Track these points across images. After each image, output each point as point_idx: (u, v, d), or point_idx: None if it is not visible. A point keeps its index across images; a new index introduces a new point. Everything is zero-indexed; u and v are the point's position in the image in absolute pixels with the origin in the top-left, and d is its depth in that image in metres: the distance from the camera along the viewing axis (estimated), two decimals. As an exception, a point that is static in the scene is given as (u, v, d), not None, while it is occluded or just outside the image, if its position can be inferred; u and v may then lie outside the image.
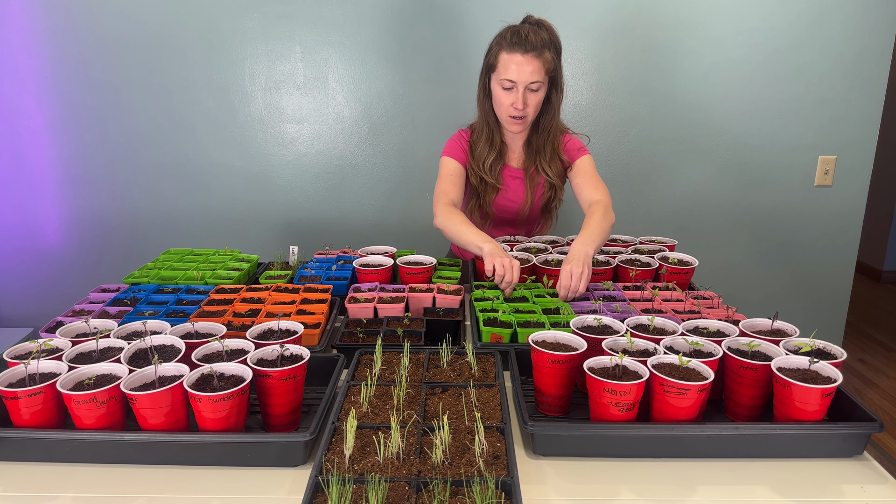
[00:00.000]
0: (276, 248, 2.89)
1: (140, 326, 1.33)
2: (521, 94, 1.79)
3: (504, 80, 1.79)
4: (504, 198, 2.02)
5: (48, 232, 2.93)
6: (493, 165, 1.96)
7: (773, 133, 2.79)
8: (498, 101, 1.85)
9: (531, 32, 1.75)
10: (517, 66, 1.75)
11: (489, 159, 1.95)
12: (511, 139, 2.01)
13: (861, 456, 1.09)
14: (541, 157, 1.97)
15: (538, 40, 1.74)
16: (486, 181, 1.97)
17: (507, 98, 1.81)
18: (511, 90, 1.80)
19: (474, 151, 1.98)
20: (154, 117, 2.78)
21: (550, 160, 1.97)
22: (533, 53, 1.74)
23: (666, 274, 1.76)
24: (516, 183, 2.02)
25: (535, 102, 1.83)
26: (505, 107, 1.84)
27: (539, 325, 1.44)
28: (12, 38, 2.67)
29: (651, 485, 1.02)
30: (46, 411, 1.09)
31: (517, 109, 1.81)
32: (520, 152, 2.03)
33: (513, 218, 2.08)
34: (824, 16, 2.63)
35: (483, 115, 1.94)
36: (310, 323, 1.46)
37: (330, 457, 0.98)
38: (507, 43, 1.76)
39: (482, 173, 1.96)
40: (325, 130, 2.82)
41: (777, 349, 1.19)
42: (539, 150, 1.97)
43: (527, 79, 1.76)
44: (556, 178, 2.00)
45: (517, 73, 1.76)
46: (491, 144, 1.95)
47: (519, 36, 1.75)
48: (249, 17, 2.67)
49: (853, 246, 2.94)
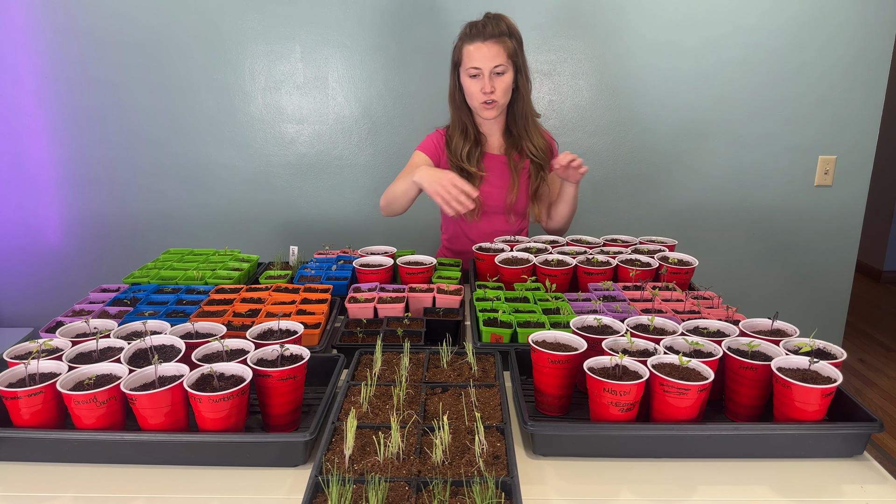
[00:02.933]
0: (276, 248, 2.89)
1: (140, 326, 1.33)
2: (488, 79, 1.90)
3: (470, 69, 1.91)
4: (490, 184, 2.07)
5: (48, 232, 2.93)
6: (470, 154, 2.03)
7: (773, 133, 2.79)
8: (469, 91, 1.96)
9: (489, 23, 1.89)
10: (479, 52, 1.88)
11: (465, 149, 2.03)
12: (488, 129, 2.09)
13: (861, 456, 1.09)
14: (523, 140, 2.05)
15: (496, 29, 1.88)
16: (468, 170, 2.02)
17: (476, 85, 1.92)
18: (478, 77, 1.91)
19: (451, 146, 2.05)
20: (154, 117, 2.78)
21: (535, 140, 2.05)
22: (493, 39, 1.87)
23: (666, 274, 1.76)
24: (500, 169, 2.08)
25: (503, 87, 1.93)
26: (476, 94, 1.93)
27: (539, 325, 1.44)
28: (12, 39, 2.67)
29: (651, 485, 1.02)
30: (46, 411, 1.09)
31: (486, 94, 1.92)
32: (500, 141, 2.10)
33: (501, 205, 2.10)
34: (824, 16, 2.63)
35: (455, 111, 2.05)
36: (310, 323, 1.46)
37: (330, 457, 0.98)
38: (468, 36, 1.90)
39: (460, 163, 2.02)
40: (325, 130, 2.82)
41: (777, 349, 1.19)
42: (520, 135, 2.05)
43: (490, 63, 1.88)
44: (541, 154, 2.06)
45: (480, 58, 1.88)
46: (466, 136, 2.04)
47: (478, 27, 1.89)
48: (249, 17, 2.67)
49: (853, 246, 2.94)
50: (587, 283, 1.75)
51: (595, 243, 2.04)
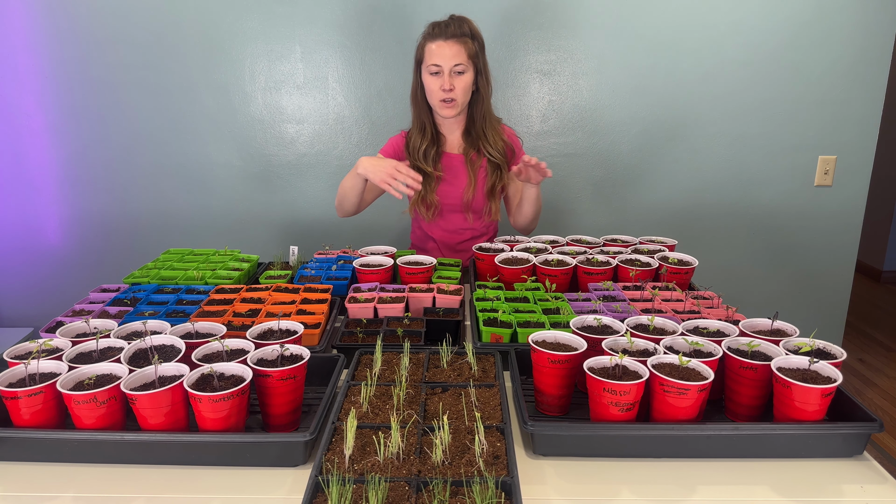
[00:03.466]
0: (276, 248, 2.89)
1: (140, 326, 1.33)
2: (448, 77, 1.93)
3: (431, 66, 1.94)
4: (447, 182, 2.10)
5: (48, 232, 2.93)
6: (426, 152, 2.06)
7: (773, 133, 2.79)
8: (429, 88, 1.99)
9: (452, 24, 1.94)
10: (441, 51, 1.92)
11: (422, 147, 2.06)
12: (448, 128, 2.13)
13: (861, 456, 1.09)
14: (482, 141, 2.08)
15: (458, 30, 1.93)
16: (424, 170, 2.06)
17: (436, 83, 1.96)
18: (438, 74, 1.95)
19: (409, 145, 2.10)
20: (154, 117, 2.78)
21: (493, 142, 2.08)
22: (454, 39, 1.92)
23: (666, 274, 1.76)
24: (457, 168, 2.11)
25: (462, 86, 1.96)
26: (435, 91, 1.97)
27: (539, 325, 1.44)
28: (12, 39, 2.67)
29: (651, 485, 1.02)
30: (46, 411, 1.09)
31: (445, 92, 1.95)
32: (459, 141, 2.14)
33: (457, 204, 2.13)
34: (824, 16, 2.63)
35: (416, 109, 2.09)
36: (310, 323, 1.46)
37: (330, 457, 0.98)
38: (430, 34, 1.95)
39: (418, 162, 2.05)
40: (325, 130, 2.82)
41: (777, 349, 1.19)
42: (479, 136, 2.08)
43: (450, 61, 1.92)
44: (500, 157, 2.08)
45: (441, 56, 1.92)
46: (424, 133, 2.08)
47: (440, 26, 1.94)
48: (249, 17, 2.67)
49: (853, 246, 2.94)
50: (587, 283, 1.75)
51: (595, 243, 2.04)
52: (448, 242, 2.20)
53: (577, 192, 2.88)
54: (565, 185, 2.88)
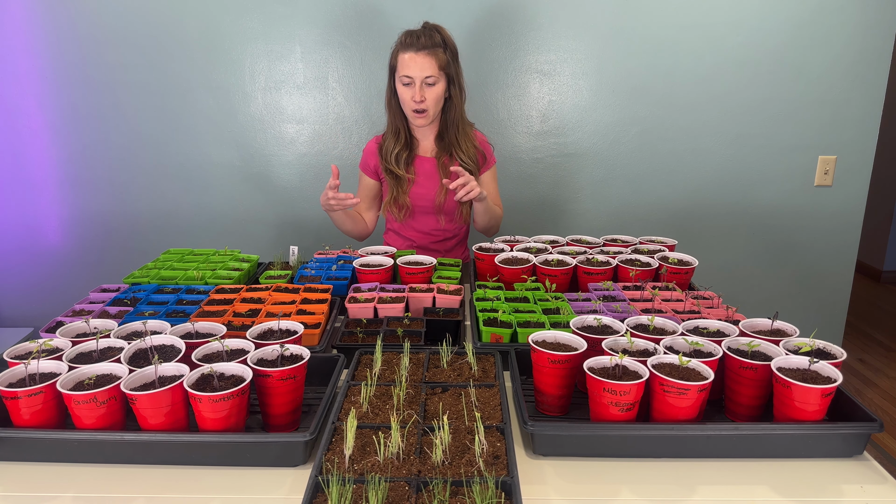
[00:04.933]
0: (276, 248, 2.89)
1: (140, 326, 1.33)
2: (419, 88, 1.96)
3: (403, 77, 1.97)
4: (419, 185, 2.13)
5: (48, 232, 2.93)
6: (399, 156, 2.10)
7: (773, 133, 2.79)
8: (401, 97, 2.02)
9: (424, 34, 1.95)
10: (412, 62, 1.94)
11: (395, 151, 2.10)
12: (421, 134, 2.16)
13: (861, 456, 1.09)
14: (455, 147, 2.12)
15: (430, 41, 1.94)
16: (396, 173, 2.09)
17: (408, 93, 1.99)
18: (410, 85, 1.97)
19: (382, 148, 2.13)
20: (154, 117, 2.78)
21: (465, 148, 2.12)
22: (425, 51, 1.93)
23: (666, 274, 1.76)
24: (429, 171, 2.14)
25: (434, 97, 1.99)
26: (407, 101, 2.00)
27: (539, 325, 1.44)
28: (12, 39, 2.67)
29: (651, 485, 1.02)
30: (46, 411, 1.09)
31: (416, 102, 1.98)
32: (432, 145, 2.17)
33: (430, 206, 2.15)
34: (824, 16, 2.63)
35: (391, 115, 2.11)
36: (310, 323, 1.46)
37: (330, 457, 0.98)
38: (403, 44, 1.96)
39: (390, 166, 2.10)
40: (325, 130, 2.82)
41: (777, 349, 1.19)
42: (452, 143, 2.12)
43: (421, 73, 1.94)
44: (471, 163, 2.13)
45: (412, 68, 1.94)
46: (397, 138, 2.11)
47: (413, 37, 1.95)
48: (249, 17, 2.67)
49: (853, 246, 2.94)
50: (587, 283, 1.75)
51: (595, 243, 2.04)
52: (420, 243, 2.22)
53: (577, 192, 2.88)
54: (565, 185, 2.88)
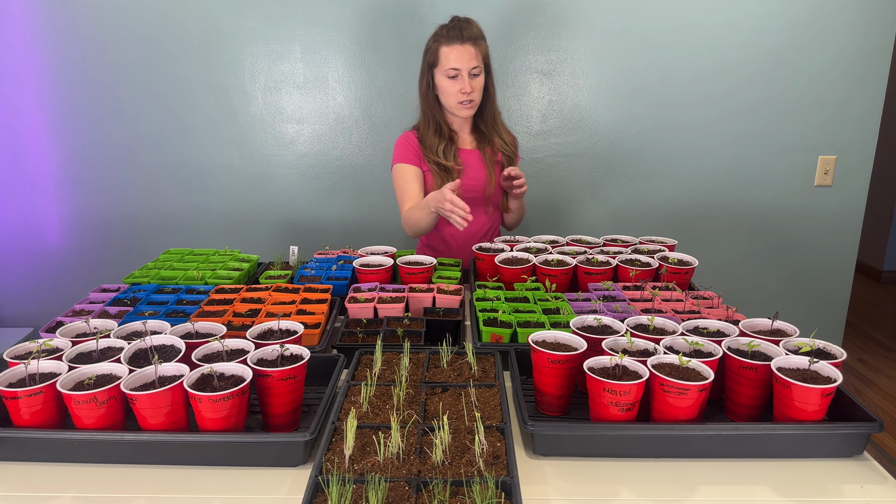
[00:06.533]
0: (276, 248, 2.89)
1: (140, 326, 1.33)
2: (467, 80, 1.98)
3: (449, 70, 1.98)
4: (467, 177, 2.12)
5: (48, 232, 2.93)
6: (445, 150, 2.10)
7: (773, 133, 2.79)
8: (445, 91, 2.03)
9: (465, 26, 1.98)
10: (458, 54, 1.96)
11: (441, 147, 2.09)
12: (458, 126, 2.16)
13: (861, 456, 1.09)
14: (493, 136, 2.15)
15: (472, 32, 1.98)
16: (445, 165, 2.08)
17: (455, 86, 2.00)
18: (456, 78, 1.99)
19: (425, 144, 2.11)
20: (154, 117, 2.78)
21: (502, 135, 2.17)
22: (470, 42, 1.97)
23: (666, 274, 1.76)
24: (475, 163, 2.15)
25: (479, 86, 2.04)
26: (453, 94, 2.02)
27: (539, 325, 1.44)
28: (12, 39, 2.67)
29: (651, 485, 1.02)
30: (46, 411, 1.09)
31: (465, 94, 2.00)
32: (469, 138, 2.18)
33: (480, 197, 2.15)
34: (824, 16, 2.63)
35: (428, 109, 2.11)
36: (310, 323, 1.46)
37: (330, 457, 0.98)
38: (446, 38, 1.98)
39: (438, 159, 2.08)
40: (325, 130, 2.82)
41: (777, 349, 1.19)
42: (489, 132, 2.15)
43: (468, 64, 1.97)
44: (511, 148, 2.18)
45: (459, 60, 1.96)
46: (440, 134, 2.11)
47: (455, 30, 1.97)
48: (249, 17, 2.67)
49: (853, 246, 2.94)
50: (587, 283, 1.75)
51: (595, 243, 2.04)
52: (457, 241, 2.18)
53: (577, 192, 2.88)
54: (565, 185, 2.88)
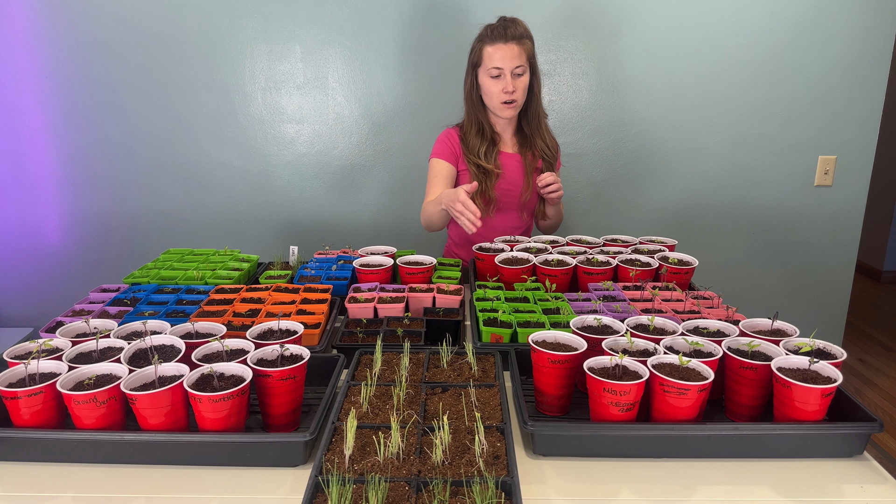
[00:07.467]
0: (276, 248, 2.89)
1: (140, 326, 1.33)
2: (509, 79, 1.95)
3: (492, 69, 1.96)
4: (505, 180, 2.11)
5: (48, 232, 2.93)
6: (487, 152, 2.08)
7: (773, 133, 2.79)
8: (488, 91, 2.00)
9: (510, 25, 1.96)
10: (501, 53, 1.94)
11: (482, 148, 2.07)
12: (501, 128, 2.14)
13: (861, 456, 1.09)
14: (536, 139, 2.12)
15: (516, 31, 1.95)
16: (484, 167, 2.06)
17: (497, 86, 1.97)
18: (499, 77, 1.96)
19: (467, 144, 2.09)
20: (154, 117, 2.78)
21: (545, 139, 2.14)
22: (514, 41, 1.94)
23: (666, 274, 1.76)
24: (514, 167, 2.13)
25: (522, 86, 2.00)
26: (496, 94, 1.99)
27: (539, 325, 1.44)
28: (12, 39, 2.67)
29: (651, 485, 1.02)
30: (46, 411, 1.09)
31: (507, 94, 1.97)
32: (512, 140, 2.16)
33: (515, 202, 2.15)
34: (824, 16, 2.63)
35: (472, 110, 2.08)
36: (310, 323, 1.46)
37: (330, 457, 0.98)
38: (490, 37, 1.96)
39: (478, 160, 2.06)
40: (325, 130, 2.82)
41: (777, 349, 1.19)
42: (532, 134, 2.12)
43: (511, 64, 1.94)
44: (552, 154, 2.15)
45: (502, 59, 1.94)
46: (482, 135, 2.08)
47: (499, 29, 1.95)
48: (249, 17, 2.67)
49: (853, 246, 2.94)
50: (587, 283, 1.75)
51: (595, 243, 2.04)
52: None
53: (577, 192, 2.88)
54: (565, 185, 2.84)
